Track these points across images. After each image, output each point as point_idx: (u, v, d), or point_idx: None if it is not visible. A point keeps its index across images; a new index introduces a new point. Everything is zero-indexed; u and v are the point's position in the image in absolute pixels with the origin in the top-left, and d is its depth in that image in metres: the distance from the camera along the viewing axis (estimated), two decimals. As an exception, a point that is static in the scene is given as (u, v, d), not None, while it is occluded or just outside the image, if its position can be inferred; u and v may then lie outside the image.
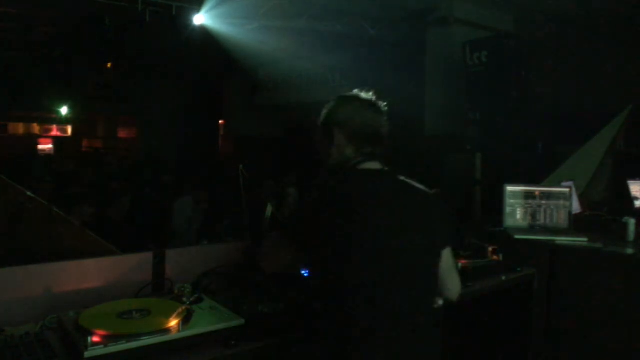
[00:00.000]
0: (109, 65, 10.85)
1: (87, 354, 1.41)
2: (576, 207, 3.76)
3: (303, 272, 1.96)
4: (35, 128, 14.17)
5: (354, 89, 1.77)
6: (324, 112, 1.74)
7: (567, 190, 3.56)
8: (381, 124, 1.69)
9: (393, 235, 1.53)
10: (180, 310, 1.64)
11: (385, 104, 1.73)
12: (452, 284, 1.75)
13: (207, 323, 1.62)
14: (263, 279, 1.92)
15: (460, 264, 2.43)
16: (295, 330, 1.71)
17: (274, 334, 1.68)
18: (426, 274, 1.61)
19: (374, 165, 1.66)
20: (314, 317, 1.60)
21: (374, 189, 1.60)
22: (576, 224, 3.52)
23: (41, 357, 1.46)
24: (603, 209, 4.06)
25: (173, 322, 1.58)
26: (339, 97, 1.75)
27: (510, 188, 3.53)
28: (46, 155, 13.20)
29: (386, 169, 1.68)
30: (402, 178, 1.66)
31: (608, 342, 2.98)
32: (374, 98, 1.73)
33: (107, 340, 1.46)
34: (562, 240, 3.23)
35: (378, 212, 1.54)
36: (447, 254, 1.68)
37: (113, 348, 1.44)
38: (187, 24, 6.24)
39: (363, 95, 1.73)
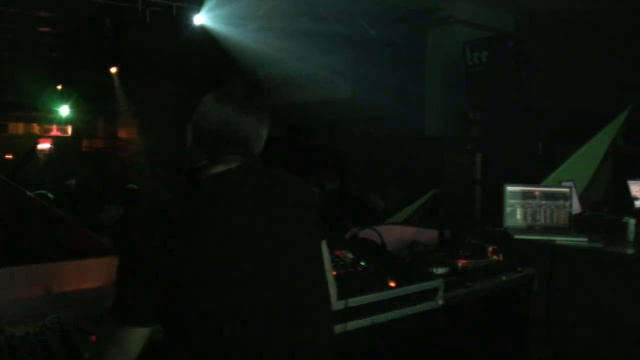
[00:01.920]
0: (109, 65, 10.85)
1: (87, 354, 1.41)
2: (576, 207, 3.76)
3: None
4: (35, 128, 14.17)
5: (354, 89, 1.74)
6: None
7: (567, 190, 3.56)
8: (244, 127, 1.39)
9: (260, 252, 1.26)
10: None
11: (263, 102, 1.49)
12: (331, 291, 1.49)
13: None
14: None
15: (460, 264, 2.44)
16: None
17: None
18: (310, 280, 1.36)
19: (228, 165, 1.34)
20: None
21: (226, 198, 1.29)
22: (576, 224, 3.52)
23: (41, 357, 1.46)
24: (603, 209, 4.06)
25: (173, 322, 1.57)
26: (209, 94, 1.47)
27: (510, 188, 3.53)
28: (46, 155, 13.20)
29: (243, 164, 1.36)
30: (267, 170, 1.41)
31: (608, 342, 2.98)
32: (250, 95, 1.45)
33: (107, 340, 1.46)
34: (562, 240, 3.23)
35: (235, 226, 1.26)
36: (325, 250, 1.47)
37: (113, 348, 1.44)
38: (187, 24, 6.23)
39: (236, 92, 1.45)
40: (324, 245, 1.47)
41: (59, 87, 10.99)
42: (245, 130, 1.38)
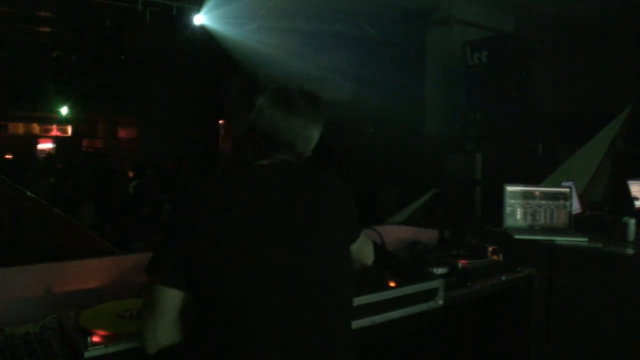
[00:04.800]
0: (109, 65, 10.85)
1: (87, 354, 1.41)
2: (576, 207, 3.76)
3: None
4: (35, 128, 14.17)
5: (354, 89, 1.74)
6: None
7: (567, 190, 3.56)
8: (292, 129, 1.46)
9: (291, 233, 1.34)
10: (180, 310, 1.64)
11: (322, 107, 1.53)
12: (368, 253, 1.71)
13: (207, 323, 1.62)
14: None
15: (460, 264, 2.44)
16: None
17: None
18: (334, 272, 1.40)
19: (270, 160, 1.44)
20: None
21: (265, 183, 1.38)
22: (576, 224, 3.51)
23: (41, 357, 1.46)
24: (603, 209, 4.06)
25: (173, 322, 1.58)
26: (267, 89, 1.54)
27: (510, 188, 3.53)
28: (47, 155, 13.21)
29: (284, 160, 1.44)
30: (305, 167, 1.47)
31: (608, 342, 2.98)
32: (304, 97, 1.50)
33: (107, 340, 1.46)
34: (562, 240, 3.23)
35: (274, 207, 1.34)
36: (362, 242, 1.59)
37: (113, 348, 1.44)
38: (187, 24, 6.24)
39: (291, 94, 1.50)
40: (360, 239, 1.55)
41: (59, 86, 10.97)
42: (291, 131, 1.46)
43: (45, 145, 14.04)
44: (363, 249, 1.66)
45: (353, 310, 1.53)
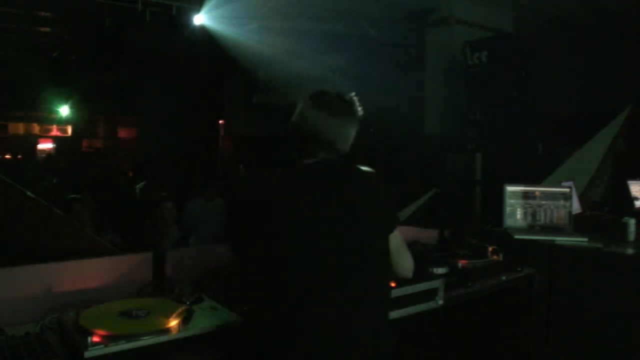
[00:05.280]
0: (109, 65, 10.84)
1: (87, 354, 1.41)
2: (576, 207, 3.76)
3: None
4: (35, 128, 14.17)
5: (354, 89, 1.77)
6: None
7: (567, 190, 3.56)
8: (332, 128, 1.65)
9: (338, 226, 1.52)
10: (180, 310, 1.64)
11: (356, 108, 1.69)
12: (404, 262, 1.79)
13: (207, 323, 1.62)
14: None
15: (460, 264, 2.44)
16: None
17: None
18: (376, 261, 1.59)
19: (315, 158, 1.64)
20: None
21: (313, 181, 1.59)
22: (576, 224, 3.51)
23: (41, 357, 1.46)
24: (603, 209, 4.06)
25: (173, 322, 1.58)
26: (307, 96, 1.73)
27: (510, 188, 3.53)
28: (47, 155, 13.21)
29: (330, 158, 1.64)
30: (347, 165, 1.65)
31: (608, 342, 2.98)
32: (341, 99, 1.69)
33: (107, 340, 1.46)
34: (562, 240, 3.23)
35: (321, 203, 1.54)
36: (394, 236, 1.69)
37: (113, 348, 1.44)
38: (187, 24, 6.24)
39: (329, 96, 1.69)
40: (394, 235, 1.68)
41: (59, 86, 10.97)
42: (332, 131, 1.65)
43: (45, 145, 14.03)
44: (401, 253, 1.78)
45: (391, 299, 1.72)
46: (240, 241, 1.61)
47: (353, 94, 1.70)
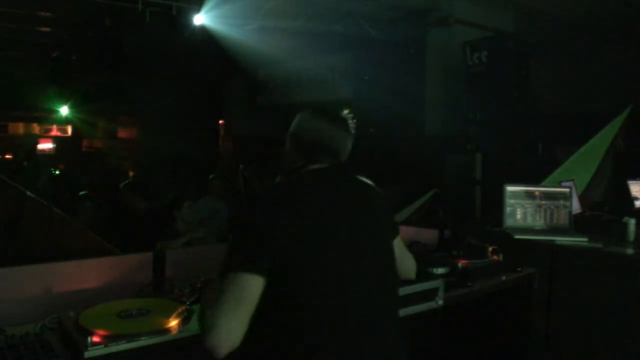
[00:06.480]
0: (109, 65, 10.83)
1: (87, 354, 1.41)
2: (576, 207, 3.76)
3: None
4: (35, 128, 14.16)
5: (354, 89, 1.79)
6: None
7: (567, 190, 3.56)
8: (335, 138, 1.69)
9: (348, 235, 1.52)
10: (180, 310, 1.64)
11: (352, 121, 1.76)
12: (407, 266, 1.85)
13: (207, 323, 1.62)
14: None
15: (460, 264, 2.44)
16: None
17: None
18: (386, 267, 1.62)
19: (321, 165, 1.66)
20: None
21: (324, 189, 1.60)
22: (576, 224, 3.52)
23: (41, 357, 1.46)
24: (603, 209, 4.06)
25: (173, 322, 1.58)
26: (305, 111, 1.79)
27: (510, 188, 3.53)
28: (47, 155, 13.21)
29: (333, 165, 1.68)
30: (348, 174, 1.69)
31: (608, 342, 2.98)
32: (340, 114, 1.75)
33: (107, 340, 1.46)
34: (562, 240, 3.23)
35: (333, 212, 1.55)
36: (398, 241, 1.75)
37: (113, 348, 1.44)
38: (187, 24, 6.23)
39: (329, 110, 1.76)
40: (397, 240, 1.74)
41: (59, 86, 10.96)
42: (335, 141, 1.69)
43: (45, 145, 14.03)
44: (405, 257, 1.85)
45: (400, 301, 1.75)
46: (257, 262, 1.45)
47: (347, 111, 1.76)
